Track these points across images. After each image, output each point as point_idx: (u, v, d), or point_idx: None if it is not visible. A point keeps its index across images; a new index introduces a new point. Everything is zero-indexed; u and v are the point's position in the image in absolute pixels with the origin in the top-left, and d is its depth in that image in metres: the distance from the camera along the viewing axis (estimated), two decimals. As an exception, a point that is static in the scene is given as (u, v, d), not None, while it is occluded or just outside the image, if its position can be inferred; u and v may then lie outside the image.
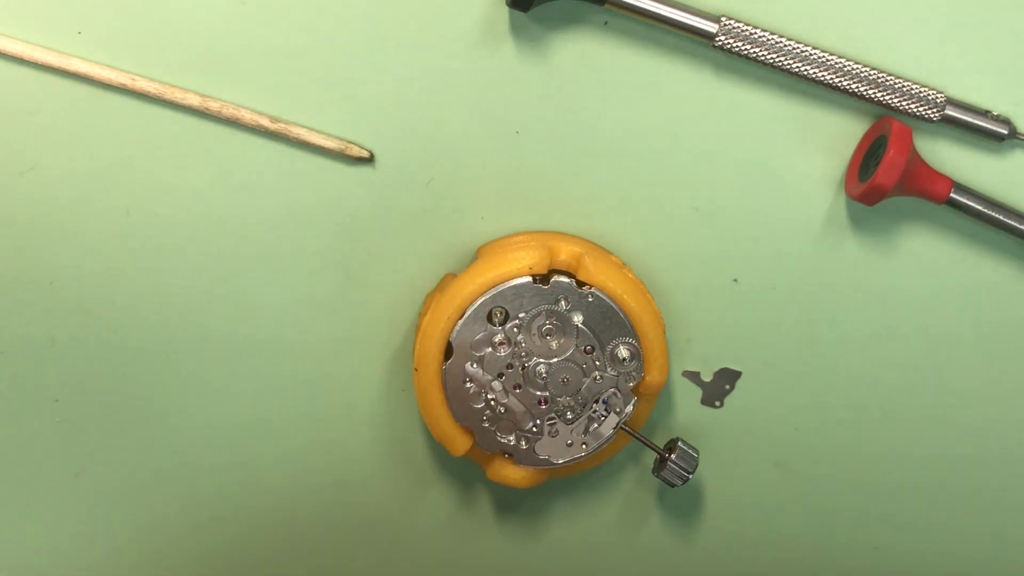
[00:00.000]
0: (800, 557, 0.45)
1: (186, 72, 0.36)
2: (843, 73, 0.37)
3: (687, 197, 0.39)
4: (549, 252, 0.37)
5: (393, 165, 0.38)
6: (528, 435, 0.38)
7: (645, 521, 0.44)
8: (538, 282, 0.37)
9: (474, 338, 0.37)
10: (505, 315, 0.37)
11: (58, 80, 0.35)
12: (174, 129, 0.36)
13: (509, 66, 0.37)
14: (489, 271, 0.37)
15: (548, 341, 0.37)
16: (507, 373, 0.38)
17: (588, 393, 0.38)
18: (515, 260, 0.37)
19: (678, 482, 0.40)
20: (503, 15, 0.36)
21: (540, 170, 0.38)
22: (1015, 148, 0.39)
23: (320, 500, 0.42)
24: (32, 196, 0.36)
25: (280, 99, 0.36)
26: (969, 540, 0.44)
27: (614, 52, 0.37)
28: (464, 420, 0.38)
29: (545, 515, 0.44)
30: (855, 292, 0.41)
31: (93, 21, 0.35)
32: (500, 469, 0.39)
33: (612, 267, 0.38)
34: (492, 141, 0.38)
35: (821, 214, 0.40)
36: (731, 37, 0.36)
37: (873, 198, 0.37)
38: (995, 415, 0.43)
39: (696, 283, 0.41)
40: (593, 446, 0.39)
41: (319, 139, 0.36)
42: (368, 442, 0.42)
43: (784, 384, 0.42)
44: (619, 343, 0.38)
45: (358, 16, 0.36)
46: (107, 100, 0.36)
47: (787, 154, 0.39)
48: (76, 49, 0.35)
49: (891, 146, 0.36)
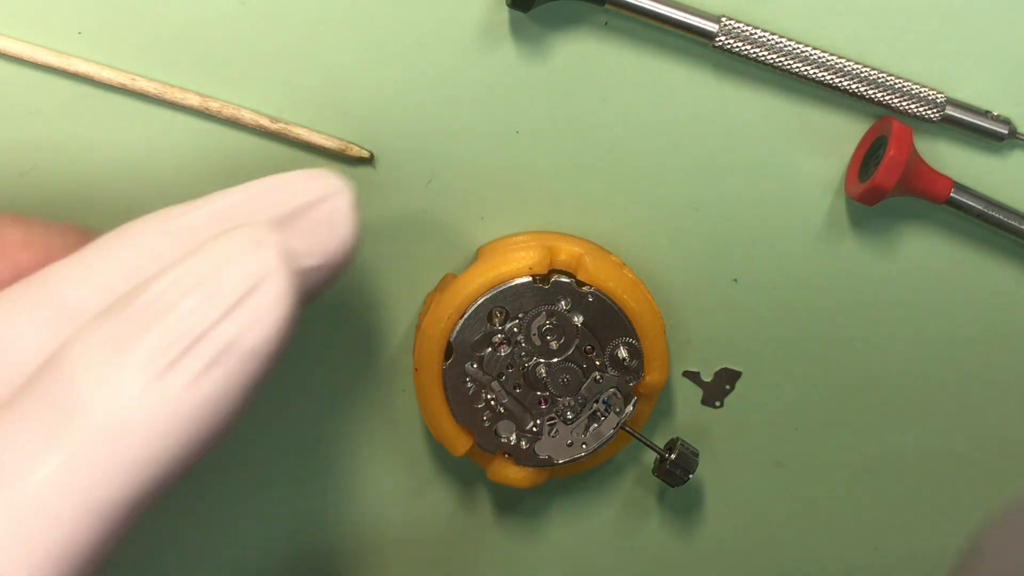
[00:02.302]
0: (801, 557, 0.45)
1: (186, 72, 0.36)
2: (843, 73, 0.37)
3: (687, 197, 0.39)
4: (549, 252, 0.37)
5: (393, 165, 0.37)
6: (528, 435, 0.38)
7: (645, 521, 0.44)
8: (538, 282, 0.37)
9: (474, 338, 0.37)
10: (505, 315, 0.37)
11: (58, 80, 0.35)
12: (174, 129, 0.36)
13: (509, 66, 0.37)
14: (489, 271, 0.37)
15: (548, 341, 0.37)
16: (507, 373, 0.38)
17: (588, 393, 0.38)
18: (515, 260, 0.37)
19: (678, 482, 0.40)
20: (503, 15, 0.36)
21: (540, 170, 0.38)
22: (1015, 148, 0.39)
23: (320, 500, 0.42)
24: (32, 196, 0.36)
25: (280, 99, 0.36)
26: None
27: (614, 52, 0.37)
28: (464, 420, 0.38)
29: (545, 515, 0.44)
30: (855, 292, 0.41)
31: (93, 21, 0.35)
32: (500, 469, 0.39)
33: (612, 267, 0.38)
34: (492, 141, 0.38)
35: (821, 214, 0.40)
36: (731, 37, 0.36)
37: (873, 198, 0.37)
38: (996, 415, 0.43)
39: (696, 283, 0.41)
40: (593, 446, 0.39)
41: (319, 139, 0.36)
42: (368, 442, 0.42)
43: (784, 384, 0.42)
44: (619, 343, 0.38)
45: (358, 16, 0.36)
46: (107, 100, 0.35)
47: (787, 154, 0.39)
48: (76, 49, 0.35)
49: (891, 146, 0.36)
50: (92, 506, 0.24)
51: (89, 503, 0.24)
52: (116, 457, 0.24)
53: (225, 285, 0.25)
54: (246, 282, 0.25)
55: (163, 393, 0.24)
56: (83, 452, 0.23)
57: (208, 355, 0.24)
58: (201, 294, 0.24)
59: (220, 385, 0.24)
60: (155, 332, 0.24)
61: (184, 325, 0.24)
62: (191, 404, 0.24)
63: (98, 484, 0.23)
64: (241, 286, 0.25)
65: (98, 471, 0.23)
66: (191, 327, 0.24)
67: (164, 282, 0.25)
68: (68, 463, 0.23)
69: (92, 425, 0.23)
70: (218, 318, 0.24)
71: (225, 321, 0.24)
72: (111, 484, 0.24)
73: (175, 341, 0.24)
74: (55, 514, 0.23)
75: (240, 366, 0.24)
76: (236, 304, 0.24)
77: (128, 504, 0.24)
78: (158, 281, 0.25)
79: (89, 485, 0.23)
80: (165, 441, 0.24)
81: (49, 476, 0.23)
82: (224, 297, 0.24)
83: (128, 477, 0.24)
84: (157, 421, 0.24)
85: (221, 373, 0.24)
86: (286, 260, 0.25)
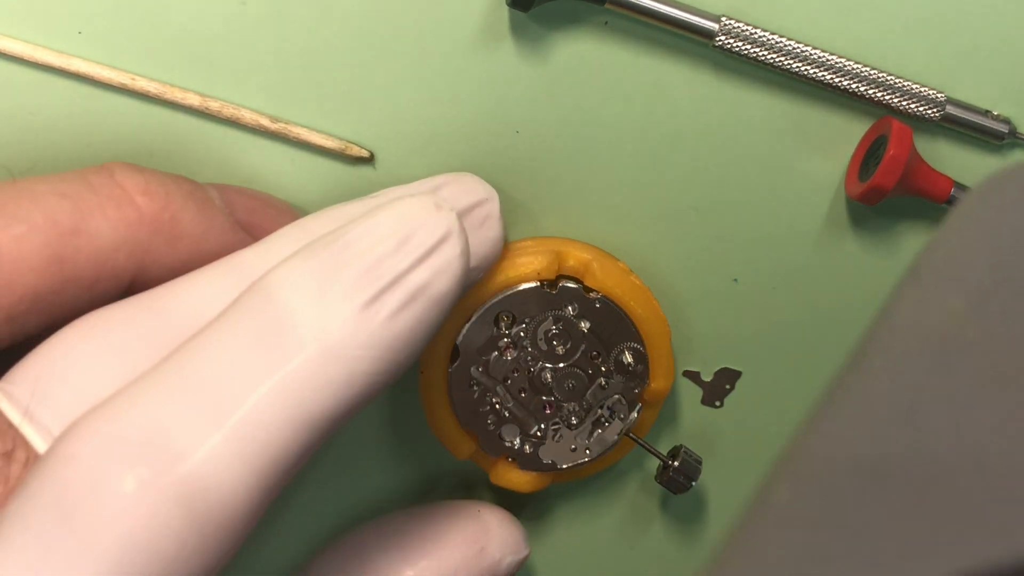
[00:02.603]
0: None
1: (186, 72, 0.35)
2: (843, 73, 0.37)
3: (687, 197, 0.39)
4: (557, 257, 0.37)
5: (393, 165, 0.37)
6: (532, 440, 0.38)
7: (648, 527, 0.44)
8: (546, 287, 0.37)
9: (480, 342, 0.37)
10: (512, 319, 0.37)
11: (58, 80, 0.35)
12: (174, 129, 0.36)
13: (509, 66, 0.37)
14: (497, 275, 0.37)
15: (554, 346, 0.37)
16: (513, 377, 0.37)
17: (593, 399, 0.38)
18: (523, 265, 0.37)
19: (681, 490, 0.39)
20: (503, 15, 0.36)
21: (539, 170, 0.38)
22: (1015, 148, 0.39)
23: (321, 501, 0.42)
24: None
25: (280, 99, 0.36)
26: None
27: (614, 52, 0.37)
28: (468, 423, 0.38)
29: (548, 519, 0.43)
30: (855, 292, 0.41)
31: (93, 21, 0.35)
32: (504, 473, 0.39)
33: (620, 273, 0.38)
34: (492, 141, 0.38)
35: (821, 214, 0.40)
36: (731, 37, 0.36)
37: (873, 198, 0.37)
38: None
39: (696, 283, 0.40)
40: (597, 452, 0.39)
41: (319, 139, 0.36)
42: (371, 443, 0.41)
43: (785, 384, 0.42)
44: (625, 350, 0.38)
45: (358, 16, 0.36)
46: (107, 100, 0.35)
47: (787, 154, 0.39)
48: (76, 49, 0.35)
49: (891, 146, 0.36)
50: (303, 421, 0.26)
51: (300, 417, 0.26)
52: (326, 376, 0.26)
53: (418, 236, 0.28)
54: (434, 236, 0.28)
55: (369, 322, 0.26)
56: (298, 369, 0.26)
57: (405, 294, 0.27)
58: (396, 241, 0.27)
59: (411, 323, 0.27)
60: (359, 267, 0.27)
61: (386, 265, 0.27)
62: (390, 335, 0.27)
63: (309, 400, 0.26)
64: (430, 239, 0.28)
65: (309, 389, 0.26)
66: (391, 268, 0.27)
67: (360, 229, 0.28)
68: (284, 379, 0.26)
69: (307, 344, 0.26)
70: (412, 264, 0.27)
71: (420, 267, 0.27)
72: (321, 401, 0.26)
73: (378, 278, 0.27)
74: (270, 428, 0.26)
75: (427, 309, 0.28)
76: (427, 254, 0.28)
77: (331, 420, 0.27)
78: (354, 228, 0.28)
79: (301, 401, 0.26)
80: (365, 366, 0.27)
81: (268, 391, 0.26)
82: (416, 247, 0.28)
83: (334, 395, 0.26)
84: (362, 346, 0.26)
85: (413, 312, 0.27)
86: (462, 225, 0.29)
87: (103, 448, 0.25)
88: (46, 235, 0.29)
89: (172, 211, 0.31)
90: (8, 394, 0.27)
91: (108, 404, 0.26)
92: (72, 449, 0.25)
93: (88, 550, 0.24)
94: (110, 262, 0.30)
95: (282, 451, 0.26)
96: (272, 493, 0.27)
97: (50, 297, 0.29)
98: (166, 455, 0.25)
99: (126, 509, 0.24)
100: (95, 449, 0.25)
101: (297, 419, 0.26)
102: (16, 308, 0.28)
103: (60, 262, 0.29)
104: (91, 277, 0.30)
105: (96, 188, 0.30)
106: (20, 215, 0.29)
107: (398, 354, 0.27)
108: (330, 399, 0.26)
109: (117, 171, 0.31)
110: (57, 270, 0.29)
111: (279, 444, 0.26)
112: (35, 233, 0.29)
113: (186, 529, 0.25)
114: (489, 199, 0.35)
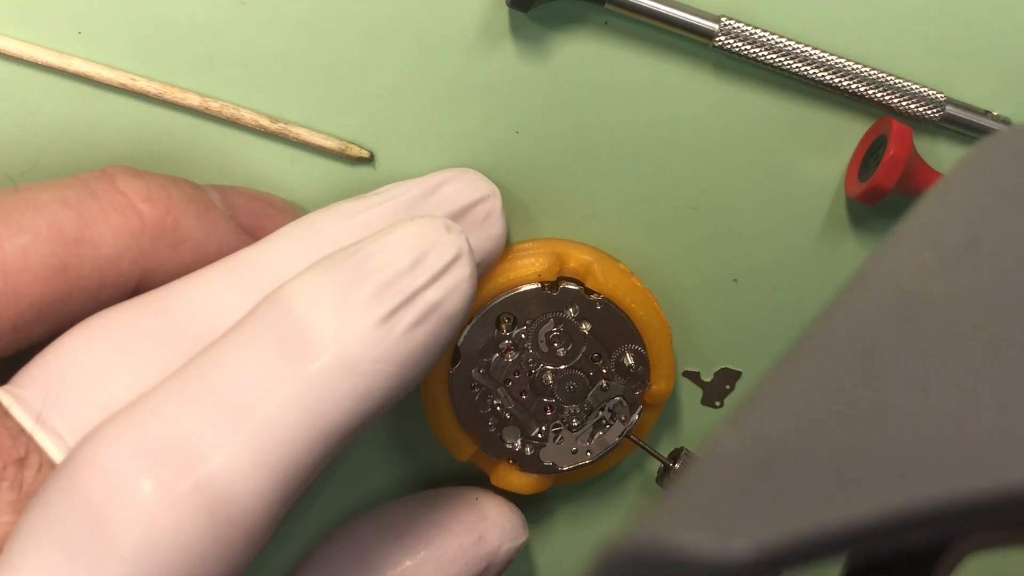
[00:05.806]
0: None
1: (186, 72, 0.35)
2: (843, 73, 0.37)
3: (687, 197, 0.39)
4: (558, 259, 0.37)
5: (393, 165, 0.37)
6: (533, 442, 0.38)
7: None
8: (547, 289, 0.37)
9: (481, 344, 0.37)
10: (513, 321, 0.37)
11: (58, 80, 0.35)
12: (174, 129, 0.36)
13: (509, 66, 0.37)
14: (498, 277, 0.37)
15: (555, 348, 0.37)
16: (514, 379, 0.37)
17: (594, 401, 0.38)
18: (524, 267, 0.37)
19: (681, 492, 0.39)
20: (503, 15, 0.36)
21: (539, 170, 0.38)
22: (1014, 147, 0.39)
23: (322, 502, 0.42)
24: (30, 198, 0.36)
25: (280, 99, 0.36)
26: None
27: (614, 52, 0.37)
28: (469, 425, 0.38)
29: (548, 522, 0.43)
30: (856, 293, 0.41)
31: (93, 21, 0.34)
32: (505, 475, 0.39)
33: (621, 275, 0.38)
34: (492, 141, 0.37)
35: (821, 214, 0.40)
36: (731, 37, 0.36)
37: (873, 198, 0.37)
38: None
39: (696, 283, 0.40)
40: (598, 454, 0.39)
41: (319, 139, 0.36)
42: (373, 445, 0.41)
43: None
44: (626, 352, 0.38)
45: (358, 16, 0.36)
46: (107, 100, 0.35)
47: (787, 154, 0.39)
48: (76, 49, 0.34)
49: (891, 146, 0.36)
50: (321, 431, 0.26)
51: (319, 428, 0.26)
52: (344, 387, 0.26)
53: (432, 256, 0.28)
54: (447, 256, 0.28)
55: (386, 336, 0.27)
56: (316, 380, 0.26)
57: (420, 311, 0.28)
58: (411, 259, 0.28)
59: (425, 339, 0.28)
60: (376, 283, 0.27)
61: (403, 282, 0.28)
62: (406, 350, 0.27)
63: (327, 411, 0.26)
64: (443, 259, 0.28)
65: (328, 400, 0.26)
66: (407, 285, 0.28)
67: (374, 246, 0.28)
68: (304, 390, 0.26)
69: (326, 355, 0.26)
70: (427, 282, 0.28)
71: (434, 285, 0.28)
72: (339, 412, 0.27)
73: (395, 294, 0.27)
74: (290, 437, 0.26)
75: (440, 326, 0.28)
76: (440, 273, 0.28)
77: (347, 431, 0.27)
78: (368, 245, 0.28)
79: (320, 412, 0.26)
80: (381, 379, 0.27)
81: (288, 401, 0.26)
82: (431, 266, 0.28)
83: (352, 407, 0.27)
84: (379, 360, 0.27)
85: (427, 329, 0.28)
86: (470, 245, 0.29)
87: (127, 455, 0.25)
88: (51, 244, 0.29)
89: (174, 216, 0.31)
90: (19, 398, 0.27)
91: (130, 411, 0.26)
92: (96, 456, 0.25)
93: (112, 556, 0.24)
94: (114, 269, 0.30)
95: (301, 461, 0.26)
96: (290, 502, 0.27)
97: (56, 305, 0.29)
98: (190, 463, 0.25)
99: (150, 516, 0.24)
100: (119, 456, 0.25)
101: (316, 429, 0.26)
102: (22, 317, 0.28)
103: (65, 271, 0.29)
104: (96, 285, 0.30)
105: (98, 195, 0.30)
106: (24, 224, 0.29)
107: (411, 369, 0.28)
108: (348, 410, 0.27)
109: (119, 177, 0.31)
110: (62, 279, 0.29)
111: (298, 454, 0.26)
112: (40, 243, 0.29)
113: (209, 536, 0.25)
114: (491, 195, 0.35)
